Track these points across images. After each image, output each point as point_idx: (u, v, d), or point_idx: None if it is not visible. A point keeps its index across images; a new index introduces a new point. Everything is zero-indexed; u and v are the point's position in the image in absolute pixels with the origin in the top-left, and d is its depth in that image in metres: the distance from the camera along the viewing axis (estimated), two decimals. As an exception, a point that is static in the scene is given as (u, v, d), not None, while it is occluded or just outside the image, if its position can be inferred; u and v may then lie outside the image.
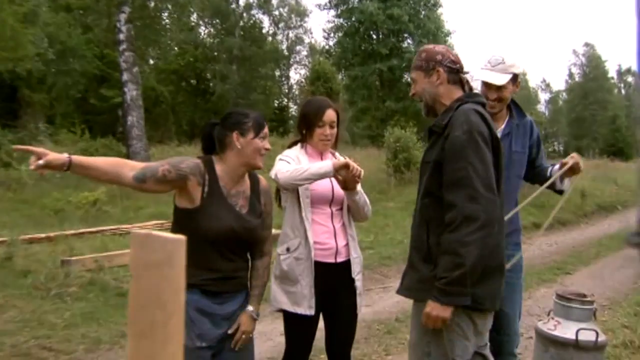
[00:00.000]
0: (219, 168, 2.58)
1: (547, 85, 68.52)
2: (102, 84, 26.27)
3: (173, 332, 0.80)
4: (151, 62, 33.28)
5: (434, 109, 2.54)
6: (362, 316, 3.26)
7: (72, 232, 9.26)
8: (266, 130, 2.66)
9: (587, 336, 3.31)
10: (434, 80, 2.50)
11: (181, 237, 0.80)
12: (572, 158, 3.21)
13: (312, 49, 41.96)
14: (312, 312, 2.97)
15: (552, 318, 3.52)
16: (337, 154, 3.29)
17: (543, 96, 65.88)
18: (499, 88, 3.17)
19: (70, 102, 25.76)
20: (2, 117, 20.17)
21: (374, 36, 31.70)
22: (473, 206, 2.21)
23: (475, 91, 2.69)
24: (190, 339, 2.45)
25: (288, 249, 3.02)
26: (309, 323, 3.03)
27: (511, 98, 3.33)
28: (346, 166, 2.80)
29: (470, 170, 2.24)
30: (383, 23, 30.07)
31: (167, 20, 27.89)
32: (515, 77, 3.23)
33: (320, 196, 3.04)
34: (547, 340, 3.43)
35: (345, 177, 2.87)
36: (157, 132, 25.67)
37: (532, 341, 5.03)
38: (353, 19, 31.74)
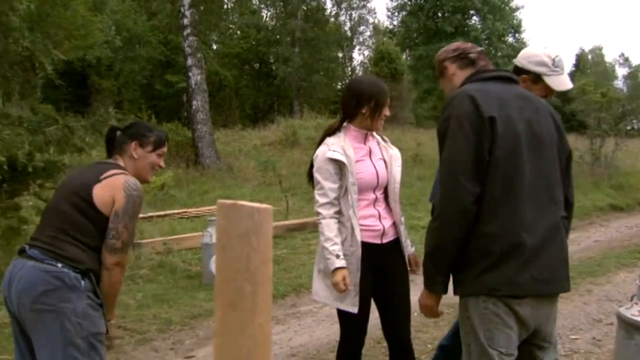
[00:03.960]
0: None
1: (626, 60, 65.34)
2: (166, 69, 26.82)
3: (262, 302, 0.77)
4: (214, 46, 33.76)
5: None
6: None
7: (142, 215, 9.48)
8: (164, 149, 2.72)
9: (676, 323, 3.13)
10: (449, 75, 2.60)
11: (268, 207, 0.73)
12: None
13: (375, 29, 41.51)
14: (355, 309, 2.94)
15: (637, 303, 3.35)
16: (377, 136, 3.22)
17: (621, 71, 62.86)
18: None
19: (137, 88, 26.46)
20: (74, 104, 20.88)
21: (439, 14, 31.10)
22: (438, 195, 2.26)
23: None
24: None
25: None
26: (358, 315, 2.99)
27: None
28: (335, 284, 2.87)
29: (442, 158, 2.26)
30: (448, 0, 29.45)
31: (229, 4, 28.18)
32: None
33: (366, 184, 3.00)
34: (632, 327, 3.27)
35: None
36: (221, 116, 26.01)
37: (612, 327, 4.81)
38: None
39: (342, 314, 3.06)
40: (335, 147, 3.00)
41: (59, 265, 2.37)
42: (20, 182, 5.90)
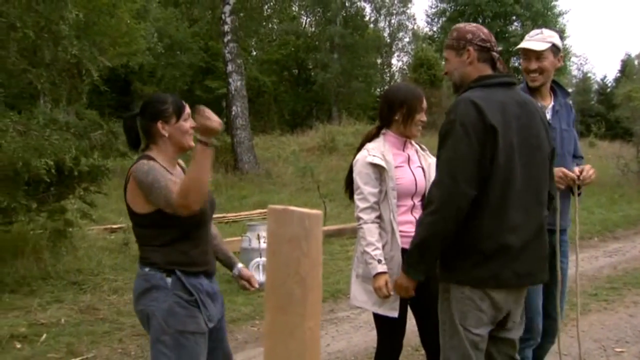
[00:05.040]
0: (160, 159, 2.56)
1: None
2: (207, 75, 27.15)
3: (312, 306, 0.79)
4: (254, 53, 34.07)
5: (462, 88, 2.62)
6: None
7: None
8: (187, 110, 2.64)
9: None
10: (465, 59, 2.59)
11: (318, 212, 0.75)
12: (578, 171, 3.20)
13: (415, 35, 41.29)
14: (395, 314, 2.96)
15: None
16: (415, 144, 3.25)
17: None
18: (539, 57, 3.25)
19: (178, 94, 26.78)
20: (117, 110, 21.35)
21: (479, 20, 30.81)
22: (434, 191, 2.43)
23: (503, 70, 2.68)
24: (204, 322, 2.53)
25: None
26: (395, 320, 3.00)
27: (553, 79, 3.41)
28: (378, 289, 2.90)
29: (443, 159, 2.42)
30: (487, 6, 29.17)
31: (268, 11, 28.39)
32: (556, 49, 3.30)
33: (405, 190, 3.02)
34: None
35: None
36: (260, 122, 26.24)
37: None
38: (457, 3, 31.06)
39: (378, 320, 3.07)
40: (375, 152, 3.03)
41: (147, 269, 2.52)
42: (67, 185, 6.07)
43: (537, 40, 3.29)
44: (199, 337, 2.49)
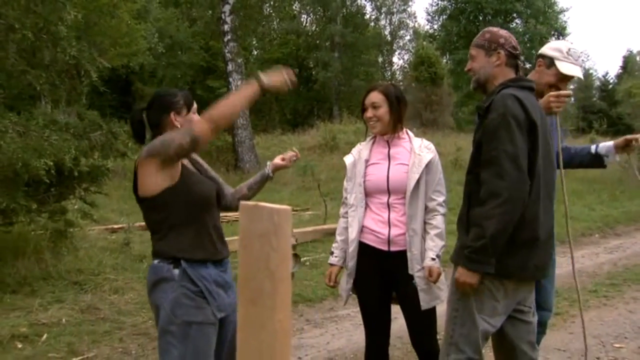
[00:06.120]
0: None
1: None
2: (208, 75, 27.18)
3: (281, 299, 0.82)
4: (254, 52, 34.07)
5: (484, 87, 2.74)
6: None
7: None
8: (195, 104, 2.70)
9: None
10: (494, 61, 2.68)
11: (287, 208, 0.77)
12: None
13: (415, 33, 41.29)
14: (343, 296, 3.23)
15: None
16: (410, 133, 3.24)
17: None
18: (570, 80, 3.31)
19: (181, 93, 26.81)
20: (118, 110, 21.39)
21: (480, 18, 30.80)
22: (499, 183, 2.44)
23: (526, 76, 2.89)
24: (212, 313, 2.49)
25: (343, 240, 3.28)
26: (376, 316, 3.15)
27: None
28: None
29: (500, 150, 2.45)
30: (487, 3, 29.15)
31: (269, 11, 28.41)
32: None
33: (374, 187, 3.07)
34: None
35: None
36: (261, 121, 26.28)
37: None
38: (458, 0, 31.06)
39: (363, 315, 3.19)
40: (354, 150, 3.23)
41: (156, 261, 2.52)
42: (67, 186, 6.08)
43: (579, 65, 3.21)
44: (206, 327, 2.48)
